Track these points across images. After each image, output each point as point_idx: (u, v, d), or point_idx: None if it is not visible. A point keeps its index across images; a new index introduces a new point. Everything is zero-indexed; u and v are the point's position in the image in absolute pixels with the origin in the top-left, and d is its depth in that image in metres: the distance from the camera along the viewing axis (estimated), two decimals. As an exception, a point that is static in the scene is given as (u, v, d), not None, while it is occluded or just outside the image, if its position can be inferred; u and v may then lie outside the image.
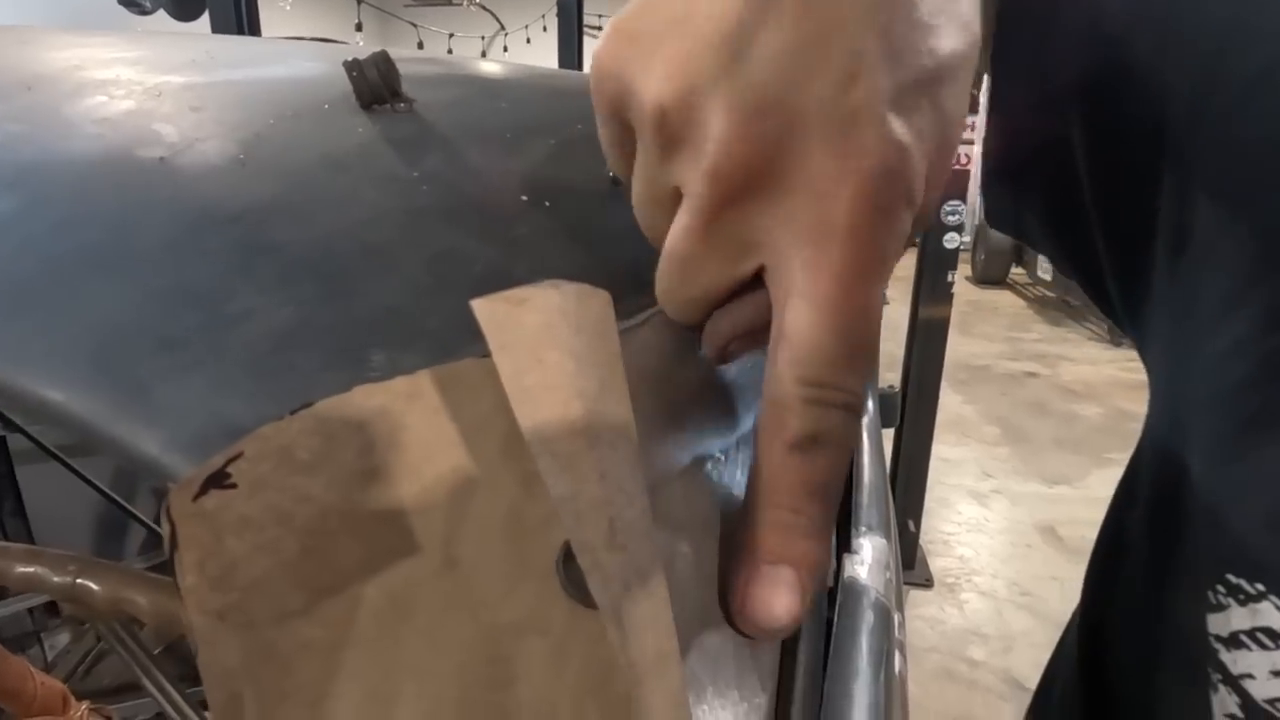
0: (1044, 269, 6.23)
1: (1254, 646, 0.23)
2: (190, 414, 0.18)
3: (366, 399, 0.16)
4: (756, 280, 0.20)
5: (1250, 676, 0.23)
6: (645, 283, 0.23)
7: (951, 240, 2.38)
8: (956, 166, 2.34)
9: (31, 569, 0.32)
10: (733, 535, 0.20)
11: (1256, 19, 0.22)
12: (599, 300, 0.17)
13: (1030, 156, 0.31)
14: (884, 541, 0.70)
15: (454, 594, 0.16)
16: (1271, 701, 0.22)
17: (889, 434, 2.61)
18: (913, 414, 2.51)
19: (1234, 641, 0.23)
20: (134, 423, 0.18)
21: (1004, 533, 2.86)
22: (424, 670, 0.15)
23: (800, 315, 0.18)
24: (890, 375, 2.88)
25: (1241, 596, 0.23)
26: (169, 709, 0.45)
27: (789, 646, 0.22)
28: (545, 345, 0.15)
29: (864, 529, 0.70)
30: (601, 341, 0.16)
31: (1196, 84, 0.23)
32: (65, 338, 0.19)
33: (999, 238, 6.96)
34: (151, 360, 0.19)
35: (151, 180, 0.23)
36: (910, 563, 2.57)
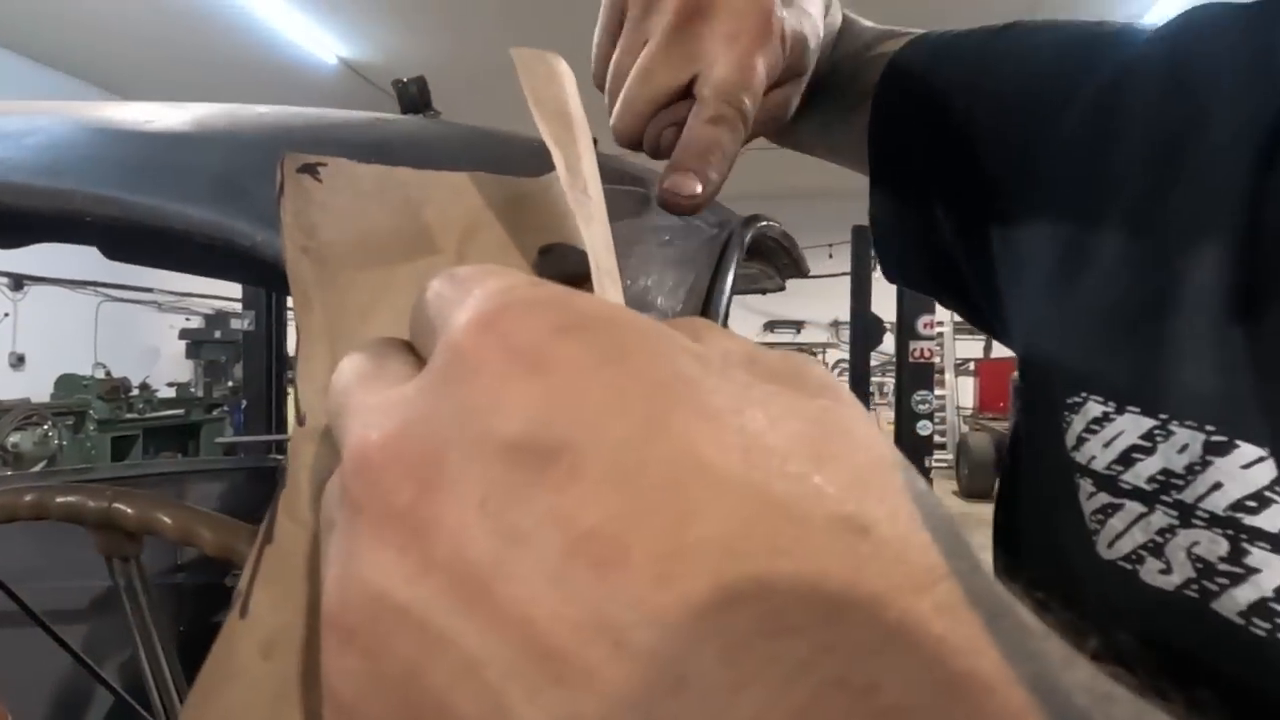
0: (1028, 480, 6.25)
1: (1090, 436, 0.29)
2: (271, 209, 0.26)
3: (408, 173, 0.24)
4: (684, 93, 0.31)
5: (1094, 458, 0.28)
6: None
7: (924, 427, 2.49)
8: (920, 359, 2.51)
9: (72, 498, 0.37)
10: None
11: (1030, 109, 0.35)
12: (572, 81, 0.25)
13: (906, 218, 0.42)
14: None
15: (463, 274, 0.22)
16: (1109, 466, 0.28)
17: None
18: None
19: (1079, 442, 0.29)
20: (238, 214, 0.26)
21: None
22: None
23: (720, 68, 0.30)
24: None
25: (1076, 407, 0.29)
26: (141, 645, 0.45)
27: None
28: (552, 82, 0.24)
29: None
30: (575, 102, 0.24)
31: (1007, 147, 0.36)
32: (196, 180, 0.27)
33: (980, 452, 7.11)
34: (253, 180, 0.27)
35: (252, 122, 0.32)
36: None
